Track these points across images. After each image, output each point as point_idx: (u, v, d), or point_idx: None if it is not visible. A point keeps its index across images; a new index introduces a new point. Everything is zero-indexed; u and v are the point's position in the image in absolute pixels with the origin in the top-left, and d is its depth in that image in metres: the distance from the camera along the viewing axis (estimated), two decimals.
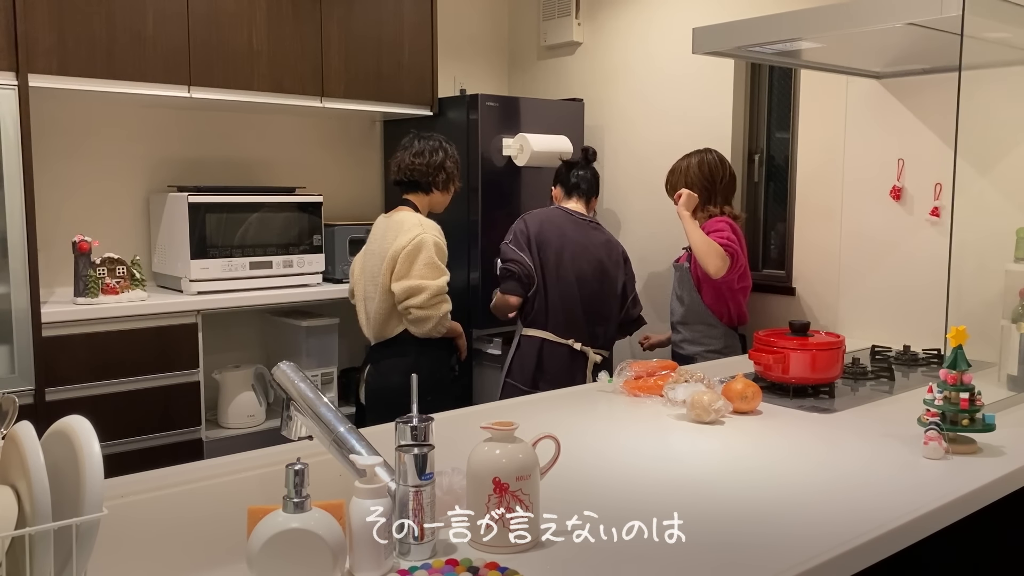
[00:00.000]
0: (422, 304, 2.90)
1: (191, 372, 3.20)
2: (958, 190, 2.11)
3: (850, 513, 1.41)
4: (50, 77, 2.94)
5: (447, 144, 3.13)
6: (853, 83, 3.14)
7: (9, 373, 2.83)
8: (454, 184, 3.16)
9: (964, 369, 1.78)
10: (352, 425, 1.33)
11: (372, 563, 1.17)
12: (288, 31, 3.48)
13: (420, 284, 2.89)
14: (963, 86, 1.97)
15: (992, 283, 2.33)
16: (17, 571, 0.96)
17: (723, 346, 3.08)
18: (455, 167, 3.14)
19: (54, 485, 0.94)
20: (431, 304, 2.91)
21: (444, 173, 3.09)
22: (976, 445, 1.76)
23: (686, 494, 1.50)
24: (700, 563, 1.22)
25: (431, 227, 2.99)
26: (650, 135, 4.00)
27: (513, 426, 1.30)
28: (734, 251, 2.98)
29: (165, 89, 3.20)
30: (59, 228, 3.34)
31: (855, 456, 1.74)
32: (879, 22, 2.11)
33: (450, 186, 3.14)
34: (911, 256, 3.05)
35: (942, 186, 2.95)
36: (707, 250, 2.96)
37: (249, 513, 1.20)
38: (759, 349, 2.29)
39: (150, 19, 3.15)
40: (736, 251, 2.99)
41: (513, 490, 1.25)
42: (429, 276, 2.90)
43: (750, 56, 2.83)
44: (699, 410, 1.97)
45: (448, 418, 1.99)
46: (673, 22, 3.88)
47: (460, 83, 4.30)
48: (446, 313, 2.96)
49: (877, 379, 2.46)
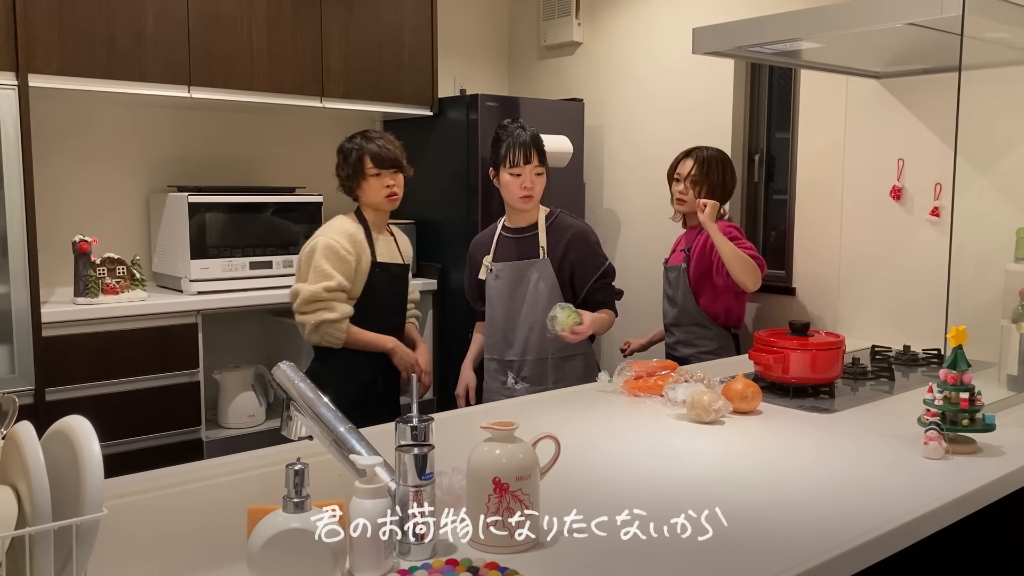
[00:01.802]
0: (296, 309, 2.74)
1: (191, 372, 3.20)
2: (958, 190, 2.11)
3: (850, 513, 1.41)
4: (50, 77, 2.94)
5: (344, 142, 2.86)
6: (853, 83, 3.14)
7: (9, 373, 2.83)
8: (357, 182, 2.80)
9: (964, 369, 1.78)
10: (352, 425, 1.33)
11: (372, 563, 1.17)
12: (288, 31, 3.48)
13: (296, 288, 2.75)
14: (963, 86, 1.97)
15: (992, 283, 2.33)
16: (17, 571, 0.96)
17: (717, 347, 3.05)
18: (342, 161, 2.82)
19: (54, 485, 0.94)
20: (304, 310, 2.71)
21: (338, 178, 2.86)
22: (976, 445, 1.76)
23: (686, 494, 1.50)
24: (700, 563, 1.22)
25: (333, 229, 2.77)
26: (650, 135, 4.00)
27: (513, 426, 1.30)
28: (761, 261, 2.93)
29: (165, 89, 3.20)
30: (59, 228, 3.34)
31: (855, 456, 1.74)
32: (879, 22, 2.11)
33: (352, 184, 2.82)
34: (911, 256, 3.05)
35: (942, 186, 2.95)
36: (743, 265, 2.87)
37: (249, 513, 1.20)
38: (759, 349, 2.29)
39: (150, 19, 3.15)
40: (761, 260, 2.94)
41: (513, 490, 1.25)
42: (311, 280, 2.71)
43: (750, 56, 2.83)
44: (699, 410, 1.97)
45: (448, 418, 1.99)
46: (673, 22, 3.88)
47: (460, 83, 4.30)
48: (323, 321, 2.69)
49: (877, 379, 2.46)
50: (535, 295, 2.70)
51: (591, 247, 2.77)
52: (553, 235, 2.74)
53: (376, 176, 2.78)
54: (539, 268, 2.71)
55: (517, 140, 2.67)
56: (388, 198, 2.81)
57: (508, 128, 2.72)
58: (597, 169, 4.27)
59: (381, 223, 2.89)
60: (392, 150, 2.80)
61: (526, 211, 2.74)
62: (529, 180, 2.67)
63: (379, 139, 2.81)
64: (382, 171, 2.78)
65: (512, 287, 2.73)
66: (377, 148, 2.78)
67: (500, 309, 2.75)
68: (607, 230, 4.26)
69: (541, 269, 2.71)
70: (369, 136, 2.82)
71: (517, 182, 2.67)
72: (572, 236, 2.74)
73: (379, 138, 2.81)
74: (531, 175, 2.67)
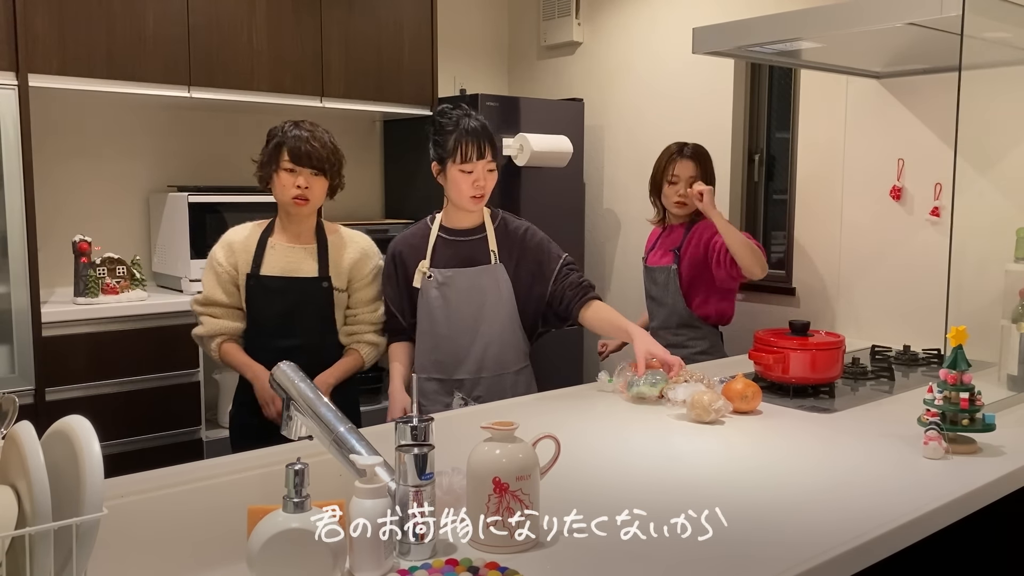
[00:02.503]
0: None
1: (191, 372, 3.20)
2: (958, 190, 2.11)
3: (850, 513, 1.41)
4: (50, 77, 2.94)
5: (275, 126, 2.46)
6: (853, 83, 3.14)
7: (9, 373, 2.83)
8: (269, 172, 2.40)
9: (964, 369, 1.78)
10: (352, 425, 1.33)
11: (372, 563, 1.17)
12: (288, 31, 3.48)
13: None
14: (963, 86, 1.97)
15: (992, 283, 2.33)
16: (17, 571, 0.96)
17: (709, 346, 2.97)
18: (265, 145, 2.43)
19: (54, 485, 0.94)
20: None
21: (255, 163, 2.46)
22: (976, 445, 1.76)
23: (686, 494, 1.50)
24: (700, 563, 1.22)
25: (223, 237, 2.47)
26: (650, 135, 4.00)
27: (513, 426, 1.30)
28: (763, 248, 2.85)
29: (165, 89, 3.20)
30: (59, 228, 3.34)
31: (855, 456, 1.74)
32: (879, 22, 2.11)
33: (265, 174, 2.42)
34: (911, 256, 3.05)
35: (942, 186, 2.95)
36: (750, 252, 2.74)
37: (249, 513, 1.20)
38: (759, 349, 2.29)
39: (150, 19, 3.15)
40: (763, 247, 2.86)
41: (513, 490, 1.25)
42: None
43: (750, 56, 2.83)
44: (699, 410, 1.97)
45: (448, 418, 1.99)
46: (673, 22, 3.88)
47: (460, 83, 4.30)
48: (195, 335, 2.48)
49: (877, 379, 2.46)
50: (496, 306, 2.35)
51: (544, 241, 2.43)
52: (504, 240, 2.39)
53: (289, 172, 2.35)
54: (494, 275, 2.36)
55: (467, 131, 2.30)
56: (294, 200, 2.35)
57: (452, 116, 2.33)
58: (597, 169, 4.27)
59: (298, 228, 2.43)
60: (319, 148, 2.35)
61: (473, 212, 2.38)
62: (482, 178, 2.31)
63: (309, 133, 2.37)
64: (297, 168, 2.34)
65: (462, 297, 2.35)
66: (298, 141, 2.34)
67: (446, 322, 2.35)
68: (607, 230, 4.26)
69: (496, 276, 2.36)
70: (300, 125, 2.39)
71: (468, 180, 2.30)
72: (523, 237, 2.41)
73: (310, 132, 2.38)
74: (483, 172, 2.31)
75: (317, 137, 2.37)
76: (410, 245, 2.43)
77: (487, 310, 2.35)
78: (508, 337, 2.37)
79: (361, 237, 2.53)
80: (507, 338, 2.36)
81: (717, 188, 3.22)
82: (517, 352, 2.39)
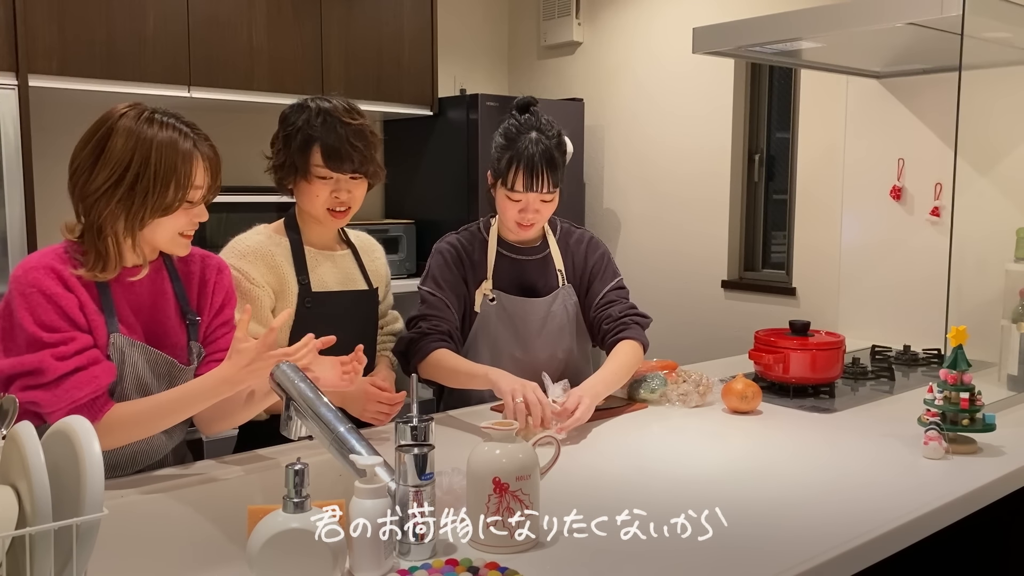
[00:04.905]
0: None
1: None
2: (958, 190, 2.11)
3: (850, 513, 1.41)
4: (50, 77, 2.94)
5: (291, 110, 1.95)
6: (853, 83, 3.14)
7: None
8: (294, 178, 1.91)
9: (964, 369, 1.78)
10: (352, 425, 1.33)
11: (372, 563, 1.17)
12: (288, 31, 3.48)
13: None
14: (963, 86, 1.97)
15: (992, 283, 2.33)
16: (17, 571, 0.96)
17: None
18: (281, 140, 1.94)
19: (54, 485, 0.94)
20: None
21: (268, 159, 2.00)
22: (976, 445, 1.76)
23: (686, 494, 1.50)
24: (700, 563, 1.22)
25: (235, 251, 1.92)
26: (650, 135, 4.00)
27: (513, 426, 1.30)
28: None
29: (165, 89, 3.20)
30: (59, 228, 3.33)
31: (855, 456, 1.74)
32: (879, 22, 2.11)
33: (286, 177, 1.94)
34: (911, 256, 3.05)
35: (942, 186, 2.95)
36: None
37: (249, 513, 1.20)
38: (759, 349, 2.29)
39: (150, 19, 3.15)
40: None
41: (513, 490, 1.25)
42: None
43: (750, 56, 2.83)
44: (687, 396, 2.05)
45: (448, 418, 1.99)
46: (673, 22, 3.88)
47: (460, 83, 4.30)
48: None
49: (877, 379, 2.46)
50: (564, 328, 2.14)
51: (601, 258, 2.22)
52: (567, 252, 2.19)
53: (323, 180, 1.84)
54: (563, 300, 2.14)
55: (524, 157, 1.97)
56: (332, 213, 1.88)
57: (520, 132, 2.03)
58: (597, 169, 4.27)
59: (326, 237, 1.98)
60: (361, 149, 1.83)
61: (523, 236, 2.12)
62: (531, 210, 2.02)
63: (345, 121, 1.83)
64: (336, 175, 1.84)
65: (532, 329, 2.10)
66: (335, 139, 1.81)
67: (509, 347, 2.09)
68: (607, 230, 4.26)
69: (566, 300, 2.14)
70: (331, 113, 1.83)
71: (514, 208, 2.02)
72: (586, 252, 2.20)
73: (345, 118, 1.83)
74: (534, 202, 2.01)
75: (356, 130, 1.83)
76: (473, 261, 2.11)
77: (554, 334, 2.12)
78: (577, 353, 2.18)
79: (371, 238, 2.16)
80: (575, 355, 2.17)
81: (717, 188, 3.22)
82: (585, 358, 2.21)
